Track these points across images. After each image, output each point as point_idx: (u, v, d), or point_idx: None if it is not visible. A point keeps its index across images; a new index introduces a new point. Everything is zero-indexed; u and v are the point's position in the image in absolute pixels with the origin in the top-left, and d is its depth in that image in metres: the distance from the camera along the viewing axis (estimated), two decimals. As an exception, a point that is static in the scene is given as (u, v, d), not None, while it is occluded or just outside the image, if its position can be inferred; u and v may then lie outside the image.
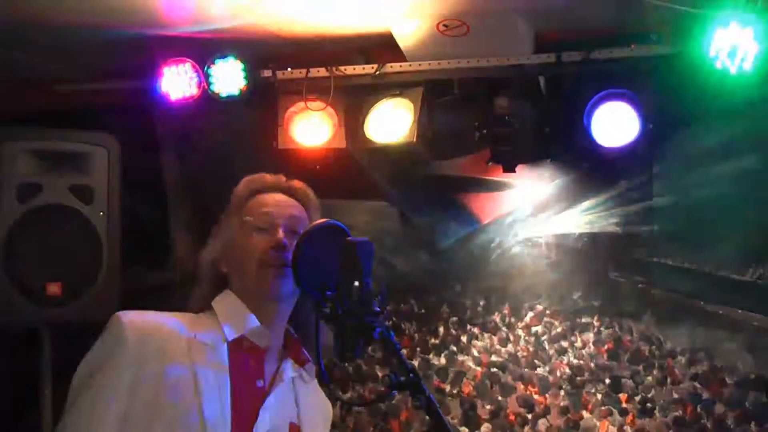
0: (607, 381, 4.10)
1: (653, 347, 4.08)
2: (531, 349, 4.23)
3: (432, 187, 4.41)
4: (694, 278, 4.03)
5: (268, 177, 1.98)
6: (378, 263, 1.70)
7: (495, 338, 4.29)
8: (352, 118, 3.87)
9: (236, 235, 1.87)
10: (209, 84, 3.65)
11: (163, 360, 1.71)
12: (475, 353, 4.29)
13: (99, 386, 1.69)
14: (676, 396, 4.00)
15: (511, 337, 4.27)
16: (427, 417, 1.61)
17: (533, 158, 3.91)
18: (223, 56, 3.64)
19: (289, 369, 1.87)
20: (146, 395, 1.67)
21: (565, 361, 4.18)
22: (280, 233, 1.83)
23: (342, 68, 3.81)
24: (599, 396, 4.10)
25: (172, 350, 1.73)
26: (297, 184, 1.99)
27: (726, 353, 3.96)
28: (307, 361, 1.90)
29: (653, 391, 4.03)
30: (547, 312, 4.25)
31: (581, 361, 4.15)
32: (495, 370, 4.24)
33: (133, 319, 1.76)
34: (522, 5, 3.43)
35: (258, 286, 1.82)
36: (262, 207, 1.89)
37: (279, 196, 1.93)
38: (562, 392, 4.14)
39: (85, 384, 1.71)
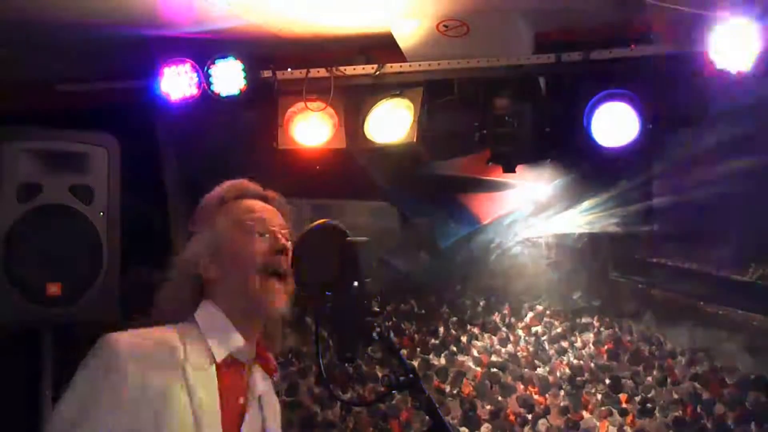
0: (607, 381, 4.10)
1: (653, 347, 4.08)
2: (531, 349, 4.23)
3: (432, 187, 4.41)
4: (694, 278, 4.03)
5: (251, 184, 1.93)
6: (378, 263, 1.70)
7: (495, 338, 4.29)
8: (352, 118, 3.87)
9: (230, 239, 1.81)
10: (209, 84, 3.65)
11: (161, 391, 1.65)
12: (475, 353, 4.29)
13: (98, 426, 1.61)
14: (676, 396, 4.00)
15: (511, 338, 4.27)
16: (427, 417, 1.62)
17: (533, 158, 3.91)
18: (223, 56, 3.64)
19: (260, 381, 1.86)
20: (147, 427, 1.63)
21: (565, 361, 4.18)
22: (282, 239, 1.80)
23: (342, 68, 3.81)
24: (599, 396, 4.10)
25: (168, 377, 1.68)
26: (273, 193, 1.95)
27: (726, 353, 3.96)
28: (274, 370, 1.88)
29: (653, 391, 4.03)
30: (547, 312, 4.25)
31: (581, 361, 4.15)
32: (495, 370, 4.24)
33: (126, 346, 1.68)
34: (522, 5, 3.44)
35: (258, 298, 1.78)
36: (255, 212, 1.84)
37: (263, 204, 1.89)
38: (562, 392, 4.14)
39: (81, 421, 1.62)
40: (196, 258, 1.82)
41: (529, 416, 4.16)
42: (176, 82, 3.68)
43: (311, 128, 3.87)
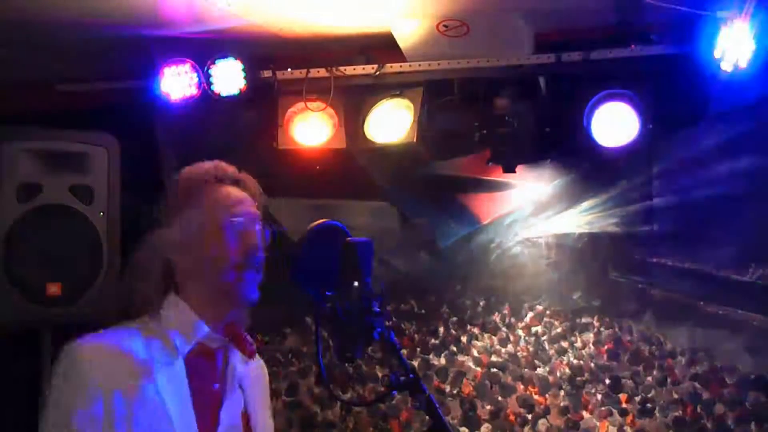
0: (607, 381, 4.10)
1: (653, 347, 4.08)
2: (531, 349, 4.23)
3: (432, 187, 4.41)
4: (694, 278, 4.03)
5: (229, 167, 1.89)
6: (378, 263, 1.70)
7: (495, 338, 4.29)
8: (352, 118, 3.87)
9: (209, 230, 1.77)
10: (209, 84, 3.65)
11: (129, 395, 1.66)
12: (475, 353, 4.29)
13: None
14: (676, 396, 4.00)
15: (511, 338, 4.27)
16: (427, 417, 1.62)
17: (533, 158, 3.92)
18: (223, 56, 3.63)
19: (238, 366, 1.83)
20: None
21: (565, 361, 4.18)
22: (256, 237, 1.77)
23: (342, 68, 3.81)
24: (599, 396, 4.10)
25: (134, 380, 1.68)
26: (246, 176, 1.91)
27: (726, 353, 3.96)
28: (252, 354, 1.84)
29: (653, 391, 4.03)
30: (547, 312, 4.25)
31: (581, 361, 4.15)
32: (495, 370, 4.24)
33: (89, 355, 1.68)
34: (522, 5, 3.44)
35: (233, 290, 1.76)
36: (235, 205, 1.80)
37: (240, 192, 1.85)
38: (562, 392, 4.14)
39: None
40: (172, 243, 1.78)
41: (529, 416, 4.16)
42: (176, 82, 3.67)
43: (311, 128, 3.87)
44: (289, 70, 3.85)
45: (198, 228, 1.77)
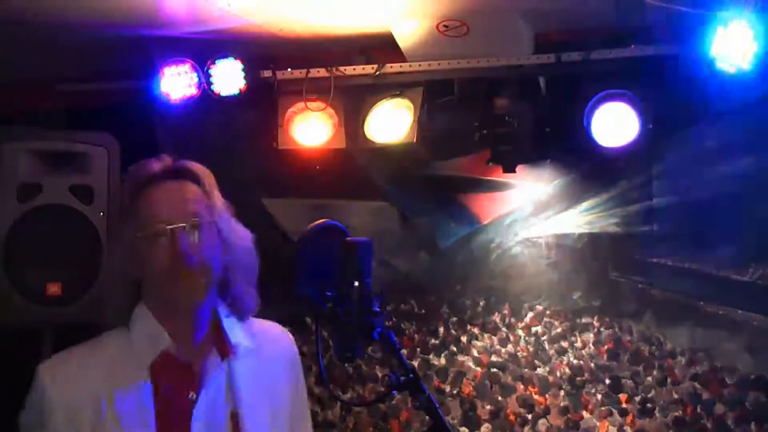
0: (607, 381, 4.10)
1: (653, 347, 4.08)
2: (531, 349, 4.23)
3: (432, 187, 4.41)
4: (694, 278, 4.03)
5: (154, 165, 1.83)
6: (378, 263, 1.70)
7: (495, 338, 4.29)
8: (352, 118, 3.87)
9: (137, 244, 1.74)
10: (209, 84, 3.65)
11: (87, 412, 1.69)
12: (475, 353, 4.29)
13: None
14: (676, 396, 4.00)
15: (511, 338, 4.27)
16: (427, 417, 1.62)
17: (533, 158, 3.92)
18: (223, 56, 3.64)
19: (211, 369, 1.79)
20: None
21: (565, 361, 4.18)
22: (179, 243, 1.71)
23: (342, 68, 3.81)
24: (599, 396, 4.10)
25: (93, 396, 1.70)
26: (188, 164, 1.86)
27: (726, 353, 3.96)
28: (229, 353, 1.81)
29: (653, 391, 4.03)
30: (547, 312, 4.25)
31: (581, 361, 4.15)
32: (495, 370, 4.24)
33: (50, 375, 1.74)
34: (522, 5, 3.44)
35: (173, 298, 1.74)
36: (155, 209, 1.75)
37: (170, 185, 1.80)
38: (562, 392, 4.14)
39: None
40: (118, 262, 1.79)
41: (529, 416, 4.16)
42: (176, 82, 3.68)
43: (311, 128, 3.87)
44: (289, 70, 3.86)
45: (131, 241, 1.75)
